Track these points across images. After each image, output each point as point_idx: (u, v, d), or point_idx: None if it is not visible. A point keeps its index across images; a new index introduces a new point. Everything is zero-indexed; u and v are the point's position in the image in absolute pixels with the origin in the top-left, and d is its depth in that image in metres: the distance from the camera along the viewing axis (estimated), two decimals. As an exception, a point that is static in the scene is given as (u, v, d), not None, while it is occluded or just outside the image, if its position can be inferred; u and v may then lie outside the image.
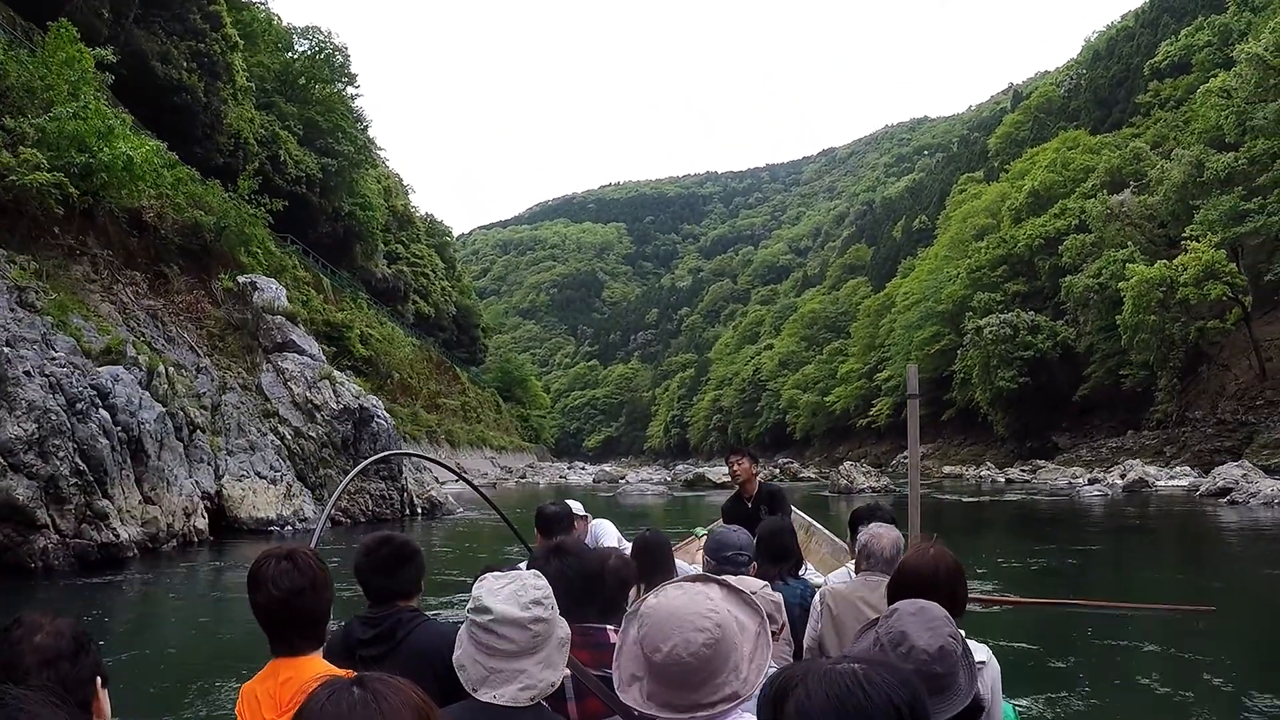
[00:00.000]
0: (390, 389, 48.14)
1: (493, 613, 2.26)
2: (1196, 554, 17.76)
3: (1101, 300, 54.25)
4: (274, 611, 2.51)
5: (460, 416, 68.37)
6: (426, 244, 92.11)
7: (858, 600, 3.76)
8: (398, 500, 24.24)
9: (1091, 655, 8.43)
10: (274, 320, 25.25)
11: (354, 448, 23.83)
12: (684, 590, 2.15)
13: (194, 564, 15.82)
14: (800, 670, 1.44)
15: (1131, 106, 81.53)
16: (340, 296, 49.16)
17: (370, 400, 25.46)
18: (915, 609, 2.13)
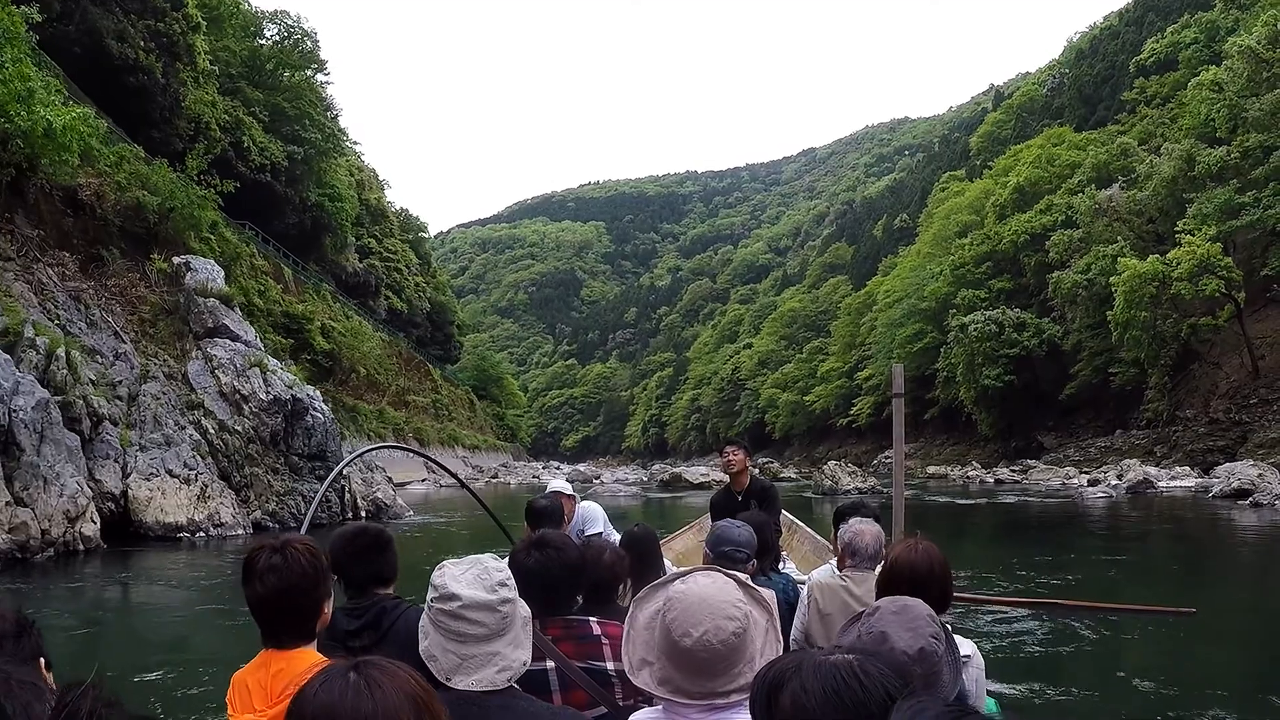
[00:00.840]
0: (355, 384, 46.37)
1: (461, 598, 2.25)
2: (1243, 563, 16.15)
3: (1090, 296, 52.94)
4: (263, 606, 2.43)
5: (431, 414, 66.57)
6: (400, 239, 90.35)
7: (844, 593, 3.78)
8: (336, 502, 22.22)
9: (1077, 654, 8.36)
10: (206, 303, 23.09)
11: (285, 443, 21.75)
12: (713, 579, 2.13)
13: (73, 579, 13.58)
14: (793, 662, 1.45)
15: (1117, 104, 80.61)
16: (303, 288, 47.22)
17: (306, 390, 23.42)
18: (898, 608, 2.08)
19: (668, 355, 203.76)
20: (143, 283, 23.49)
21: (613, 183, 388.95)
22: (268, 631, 2.46)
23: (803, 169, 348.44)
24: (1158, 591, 12.57)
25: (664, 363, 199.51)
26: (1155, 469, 37.56)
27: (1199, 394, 48.33)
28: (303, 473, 21.57)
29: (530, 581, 2.71)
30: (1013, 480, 45.33)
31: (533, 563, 2.84)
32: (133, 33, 40.24)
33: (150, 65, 41.05)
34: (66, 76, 33.16)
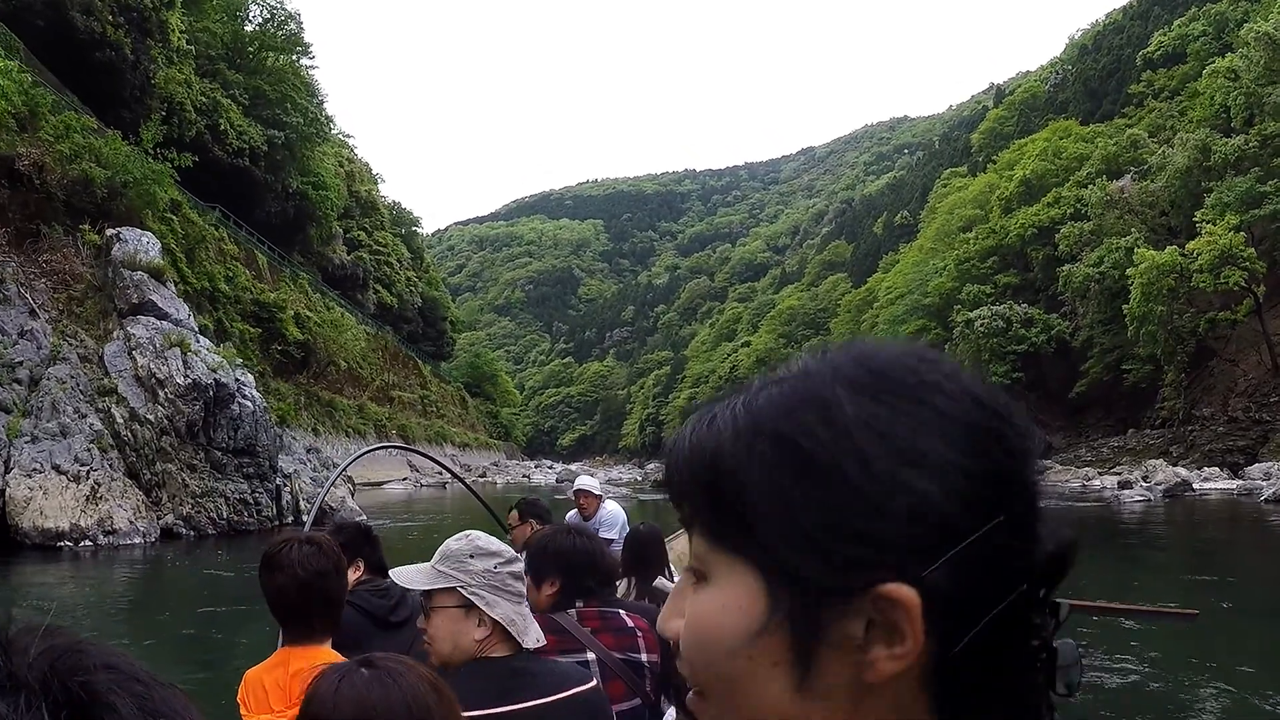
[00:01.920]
0: (335, 378, 44.38)
1: (520, 560, 2.34)
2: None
3: (1102, 290, 50.95)
4: (297, 593, 2.45)
5: (418, 411, 64.57)
6: (392, 233, 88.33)
7: None
8: (270, 505, 19.76)
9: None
10: (132, 277, 20.69)
11: (205, 435, 19.01)
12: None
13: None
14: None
15: (1124, 97, 79.16)
16: (279, 276, 45.09)
17: (233, 374, 20.73)
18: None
19: (665, 354, 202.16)
20: (77, 258, 21.38)
21: (611, 181, 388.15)
22: (298, 621, 2.45)
23: (801, 168, 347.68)
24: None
25: (661, 361, 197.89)
26: (1185, 470, 35.28)
27: (1216, 392, 46.38)
28: (227, 470, 18.92)
29: (574, 563, 2.74)
30: None
31: (580, 545, 2.82)
32: (100, 6, 38.17)
33: (119, 41, 39.01)
34: (28, 50, 31.28)
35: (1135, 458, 45.72)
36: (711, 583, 0.62)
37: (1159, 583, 12.78)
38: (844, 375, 0.60)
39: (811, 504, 0.58)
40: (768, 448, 0.60)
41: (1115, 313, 50.21)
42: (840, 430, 0.58)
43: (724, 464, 0.61)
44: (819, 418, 0.59)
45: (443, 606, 2.32)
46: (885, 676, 0.57)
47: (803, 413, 0.60)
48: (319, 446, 34.50)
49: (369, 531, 3.61)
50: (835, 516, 0.57)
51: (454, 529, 2.30)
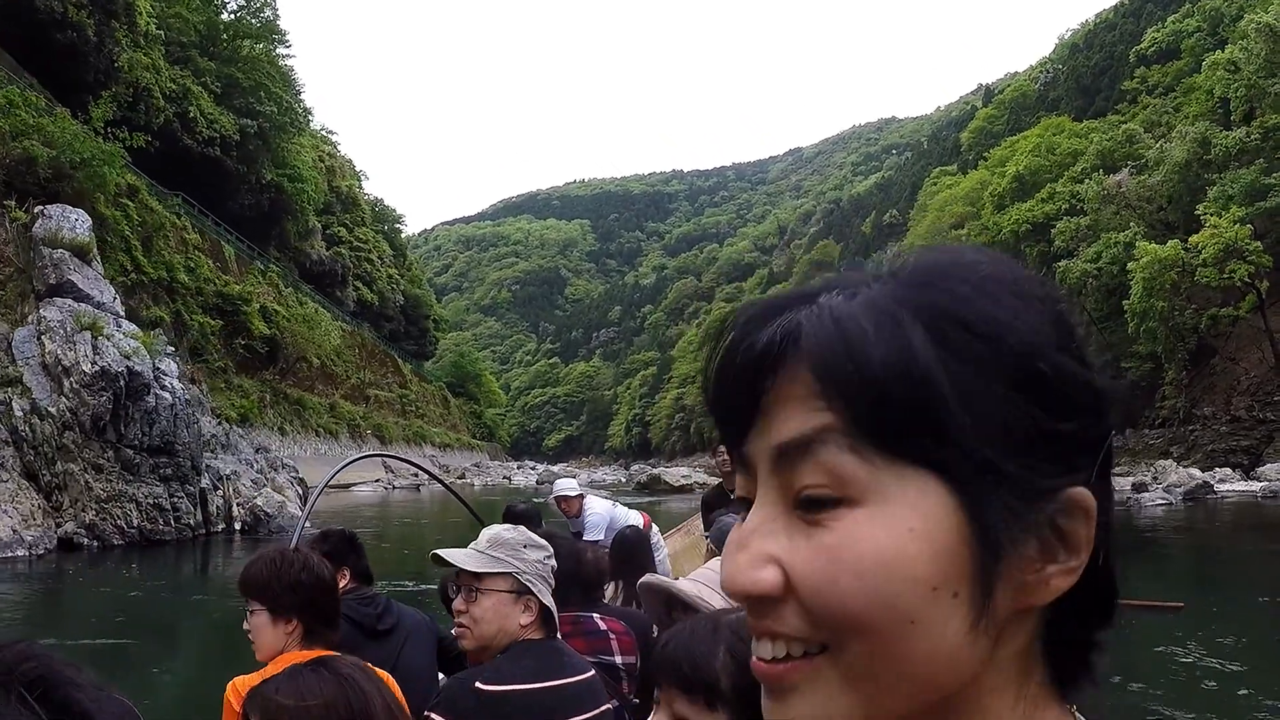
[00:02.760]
0: (306, 375, 42.72)
1: (549, 549, 2.47)
2: None
3: (1099, 286, 49.62)
4: (327, 593, 2.59)
5: (396, 410, 62.89)
6: (373, 229, 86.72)
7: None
8: (192, 512, 17.72)
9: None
10: (52, 255, 18.81)
11: (115, 430, 16.86)
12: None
13: None
14: (692, 620, 1.55)
15: (1117, 93, 78.28)
16: (247, 269, 43.36)
17: (152, 362, 18.61)
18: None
19: (652, 354, 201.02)
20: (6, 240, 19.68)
21: (598, 181, 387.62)
22: (322, 619, 2.55)
23: (789, 168, 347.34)
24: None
25: (648, 362, 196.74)
26: (1199, 471, 33.72)
27: (1217, 391, 45.09)
28: (140, 470, 16.80)
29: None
30: None
31: (559, 554, 2.81)
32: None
33: (81, 21, 37.24)
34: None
35: (1135, 458, 44.45)
36: (872, 504, 0.53)
37: (1228, 604, 11.28)
38: (981, 274, 0.55)
39: (1012, 400, 0.52)
40: (966, 338, 0.53)
41: (1113, 309, 48.92)
42: (1026, 323, 0.53)
43: (914, 359, 0.52)
44: (1007, 310, 0.54)
45: (495, 590, 2.41)
46: (1055, 595, 0.53)
47: (981, 303, 0.54)
48: (270, 445, 32.75)
49: (354, 539, 3.59)
50: (1035, 412, 0.52)
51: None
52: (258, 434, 33.71)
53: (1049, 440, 0.52)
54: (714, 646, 1.38)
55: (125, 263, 27.48)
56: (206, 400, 26.20)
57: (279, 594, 2.54)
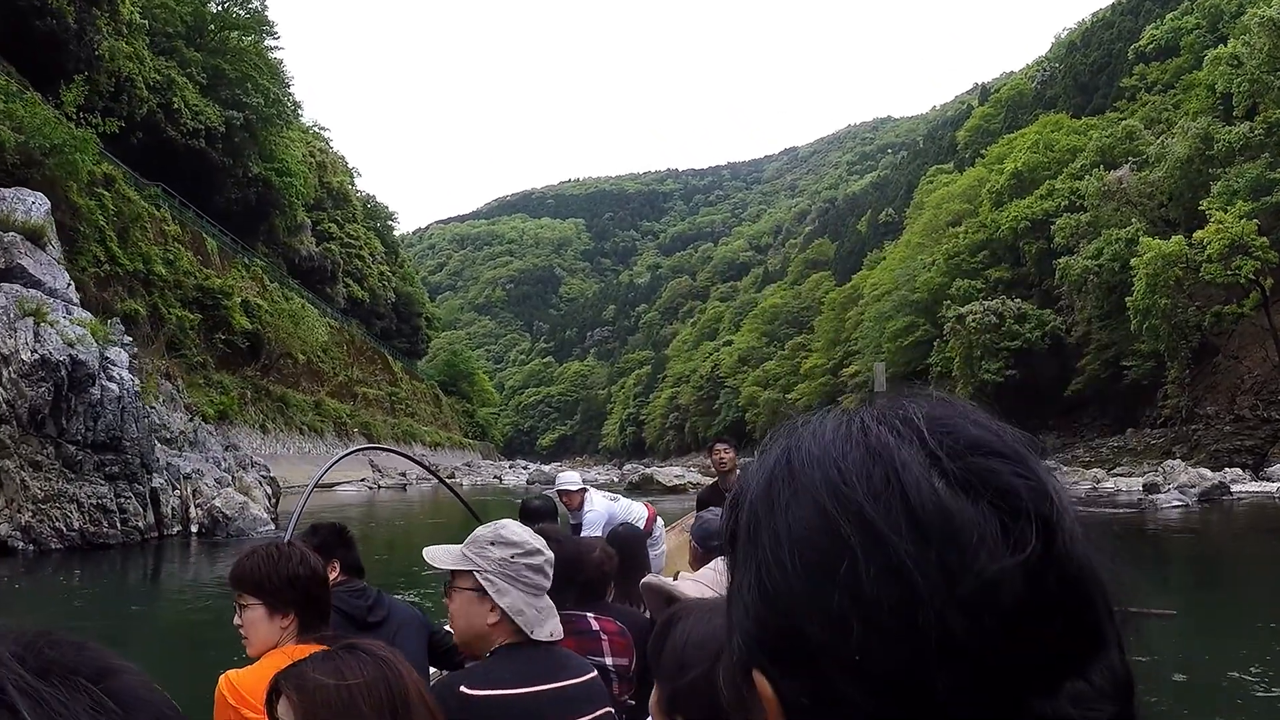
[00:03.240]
0: (291, 371, 41.78)
1: (544, 553, 2.38)
2: None
3: (1100, 283, 48.83)
4: (320, 585, 2.60)
5: (385, 408, 61.92)
6: (365, 226, 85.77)
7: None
8: (141, 514, 16.46)
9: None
10: (2, 239, 17.43)
11: (56, 424, 15.61)
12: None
13: None
14: (692, 606, 1.55)
15: (1116, 90, 77.52)
16: (231, 262, 42.36)
17: (99, 351, 17.15)
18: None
19: (646, 353, 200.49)
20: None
21: (593, 180, 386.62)
22: (316, 612, 2.54)
23: (784, 167, 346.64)
24: None
25: (642, 361, 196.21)
26: (1209, 471, 32.78)
27: (1219, 390, 44.30)
28: (84, 468, 15.58)
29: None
30: None
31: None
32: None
33: (61, 8, 36.30)
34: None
35: (1136, 458, 43.74)
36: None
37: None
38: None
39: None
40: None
41: (1114, 307, 48.18)
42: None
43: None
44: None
45: (461, 588, 2.42)
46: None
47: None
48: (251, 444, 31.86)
49: (344, 532, 3.52)
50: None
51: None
52: (237, 432, 32.79)
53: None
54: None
55: (99, 253, 26.59)
56: (180, 396, 25.33)
57: (277, 588, 2.52)
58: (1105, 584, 0.55)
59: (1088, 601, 0.54)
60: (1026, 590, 0.52)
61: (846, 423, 0.60)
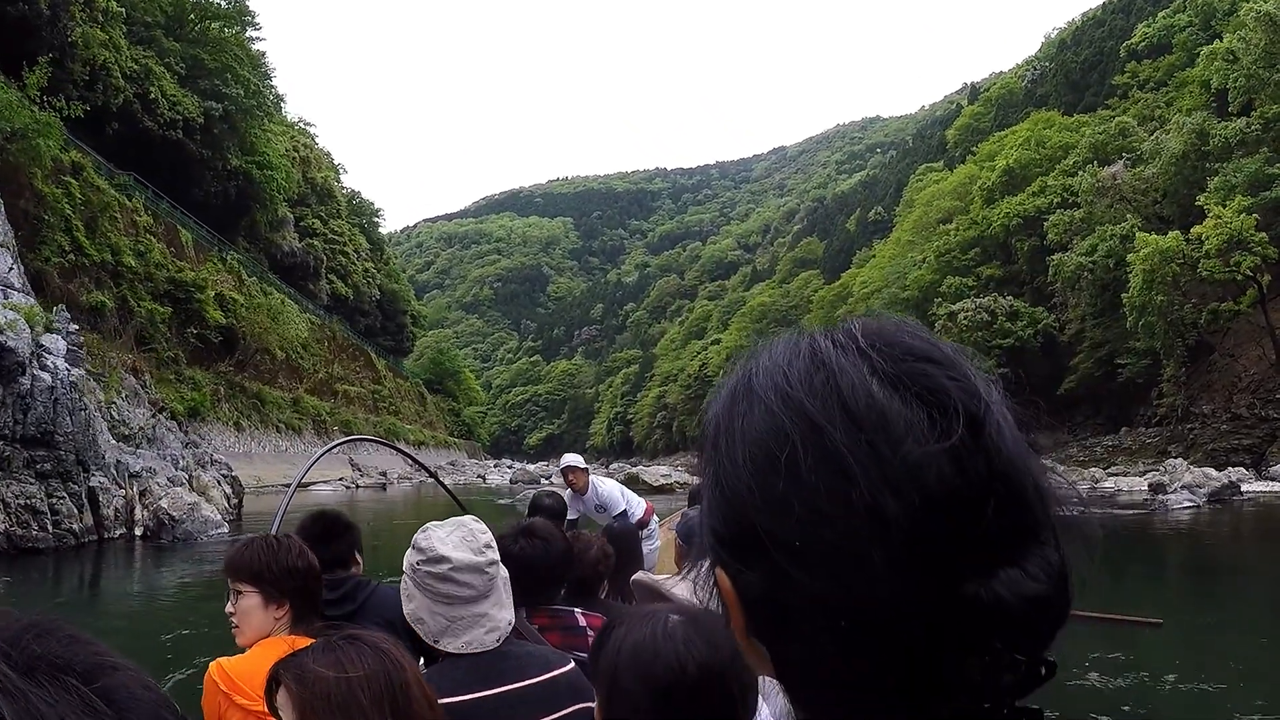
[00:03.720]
0: (268, 368, 40.74)
1: (450, 560, 2.29)
2: None
3: (1094, 281, 48.17)
4: (315, 578, 2.63)
5: (368, 406, 60.85)
6: (349, 222, 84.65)
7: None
8: (76, 515, 15.21)
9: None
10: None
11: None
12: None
13: None
14: (635, 612, 1.53)
15: (1107, 88, 77.18)
16: (206, 255, 41.25)
17: (34, 339, 15.83)
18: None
19: (634, 352, 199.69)
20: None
21: (581, 179, 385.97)
22: (310, 604, 2.58)
23: (773, 167, 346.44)
24: None
25: (630, 360, 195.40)
26: (1216, 470, 31.95)
27: (1215, 388, 43.66)
28: (11, 465, 14.28)
29: (514, 570, 2.70)
30: None
31: (518, 550, 2.82)
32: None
33: (33, -8, 35.22)
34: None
35: (1131, 457, 43.17)
36: None
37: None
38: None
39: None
40: None
41: (1108, 304, 47.61)
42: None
43: None
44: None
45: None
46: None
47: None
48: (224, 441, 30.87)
49: (329, 525, 3.44)
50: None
51: (406, 537, 2.23)
52: (210, 429, 31.77)
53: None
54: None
55: (64, 243, 25.59)
56: (147, 391, 24.33)
57: (276, 578, 2.53)
58: (1038, 481, 0.60)
59: (1018, 491, 0.58)
60: (955, 476, 0.57)
61: (797, 340, 0.67)
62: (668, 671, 1.35)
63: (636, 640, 1.41)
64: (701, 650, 1.37)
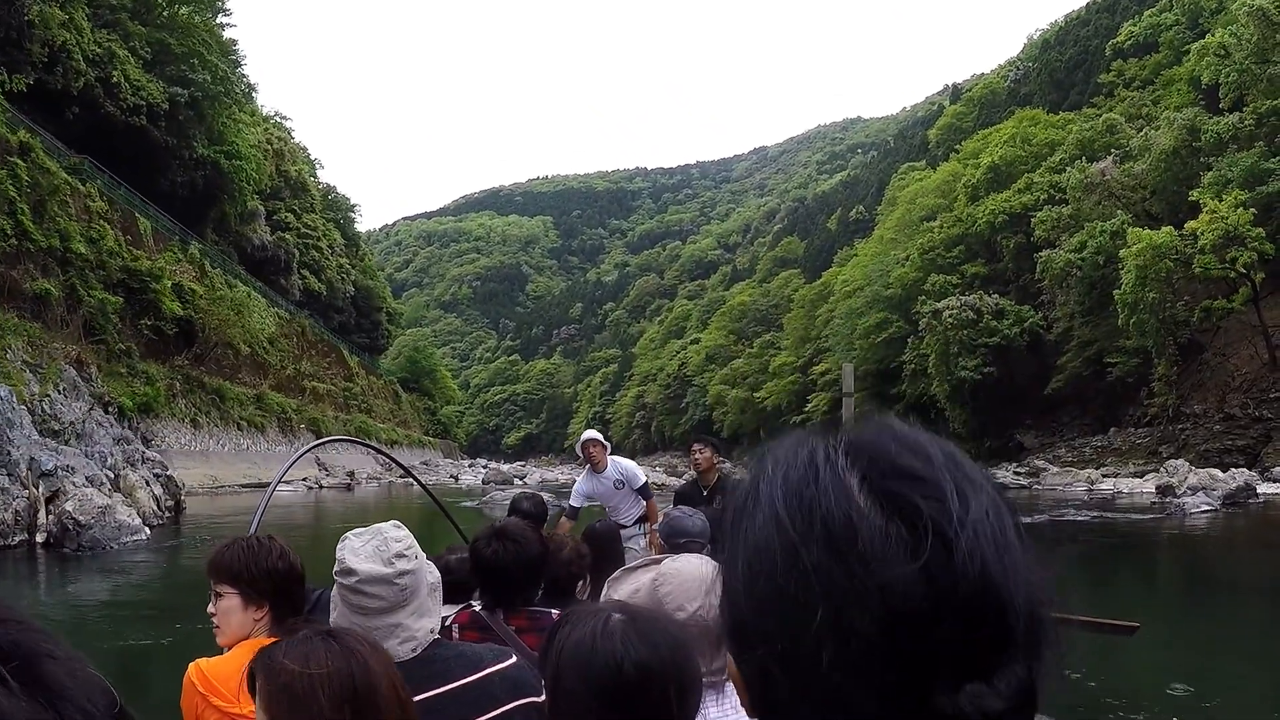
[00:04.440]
0: (230, 363, 39.19)
1: (358, 573, 2.24)
2: None
3: (1083, 278, 47.20)
4: (297, 580, 2.59)
5: (338, 404, 59.28)
6: (324, 217, 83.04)
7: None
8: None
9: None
10: None
11: None
12: (704, 560, 2.15)
13: None
14: (580, 610, 1.54)
15: (1093, 87, 76.87)
16: (166, 244, 39.57)
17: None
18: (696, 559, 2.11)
19: (613, 352, 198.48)
20: None
21: (561, 178, 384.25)
22: (289, 604, 2.53)
23: (753, 166, 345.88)
24: None
25: (609, 359, 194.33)
26: (1221, 471, 30.75)
27: (1207, 388, 42.74)
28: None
29: (488, 572, 2.84)
30: (1017, 484, 37.80)
31: (490, 554, 2.86)
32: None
33: (-15, -31, 33.69)
34: None
35: (1121, 458, 42.23)
36: None
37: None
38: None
39: None
40: None
41: (1096, 302, 46.72)
42: None
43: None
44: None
45: None
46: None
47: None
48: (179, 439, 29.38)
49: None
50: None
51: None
52: (163, 426, 30.21)
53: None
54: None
55: (6, 226, 24.09)
56: (90, 384, 22.87)
57: (255, 579, 2.51)
58: (1017, 597, 0.63)
59: (993, 608, 0.62)
60: (924, 596, 0.61)
61: (799, 446, 0.71)
62: (605, 670, 1.37)
63: (577, 639, 1.42)
64: (639, 650, 1.38)
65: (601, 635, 1.40)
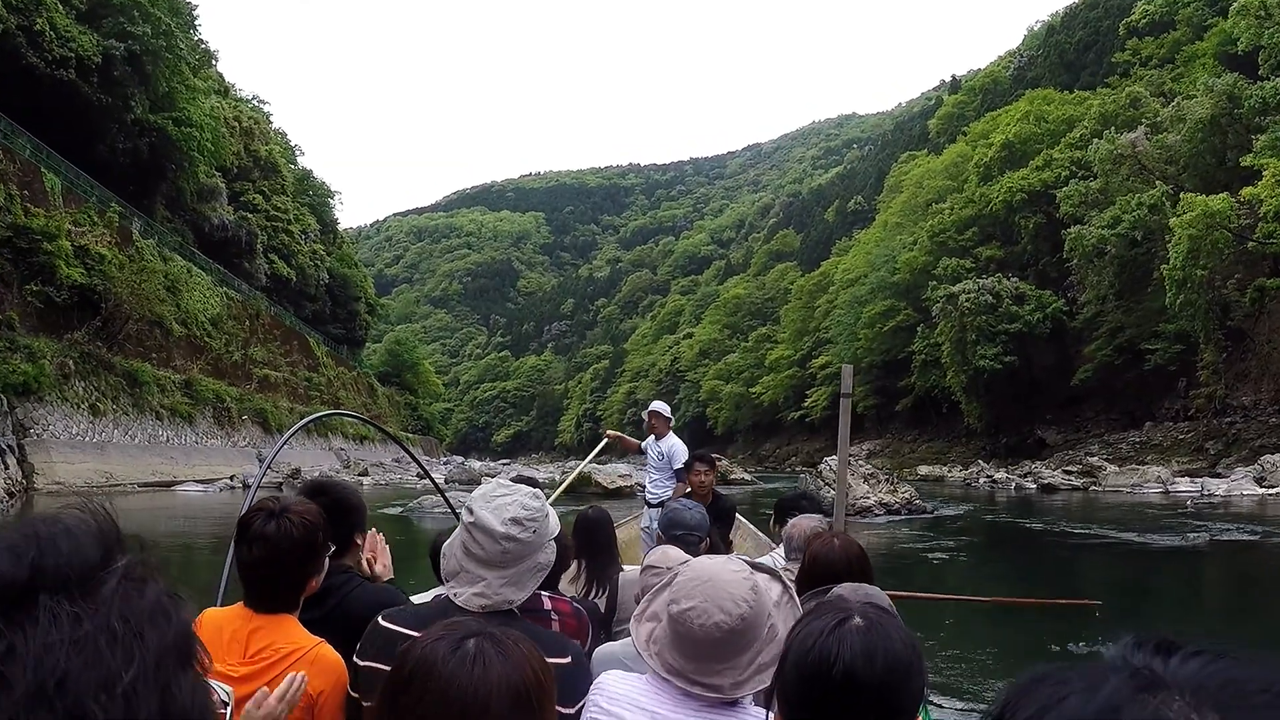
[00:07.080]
0: (155, 342, 34.62)
1: (474, 517, 2.29)
2: None
3: (1117, 255, 42.85)
4: (248, 571, 2.45)
5: (297, 395, 54.72)
6: (299, 201, 78.43)
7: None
8: None
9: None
10: None
11: None
12: (726, 561, 2.16)
13: None
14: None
15: (1107, 66, 73.37)
16: (82, 206, 34.83)
17: None
18: (862, 594, 2.13)
19: (604, 348, 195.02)
20: None
21: (554, 173, 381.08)
22: (250, 594, 2.43)
23: (748, 163, 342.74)
24: None
25: (600, 355, 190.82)
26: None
27: (1255, 378, 38.46)
28: None
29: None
30: (1069, 486, 32.14)
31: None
32: None
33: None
34: None
35: (1163, 455, 37.88)
36: None
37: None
38: None
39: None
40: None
41: (1129, 283, 42.44)
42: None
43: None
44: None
45: None
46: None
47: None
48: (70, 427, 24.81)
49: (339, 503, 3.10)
50: None
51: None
52: (48, 411, 25.61)
53: None
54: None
55: None
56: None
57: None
58: None
59: None
60: None
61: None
62: (831, 672, 1.38)
63: (809, 632, 1.45)
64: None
65: (833, 636, 1.40)
